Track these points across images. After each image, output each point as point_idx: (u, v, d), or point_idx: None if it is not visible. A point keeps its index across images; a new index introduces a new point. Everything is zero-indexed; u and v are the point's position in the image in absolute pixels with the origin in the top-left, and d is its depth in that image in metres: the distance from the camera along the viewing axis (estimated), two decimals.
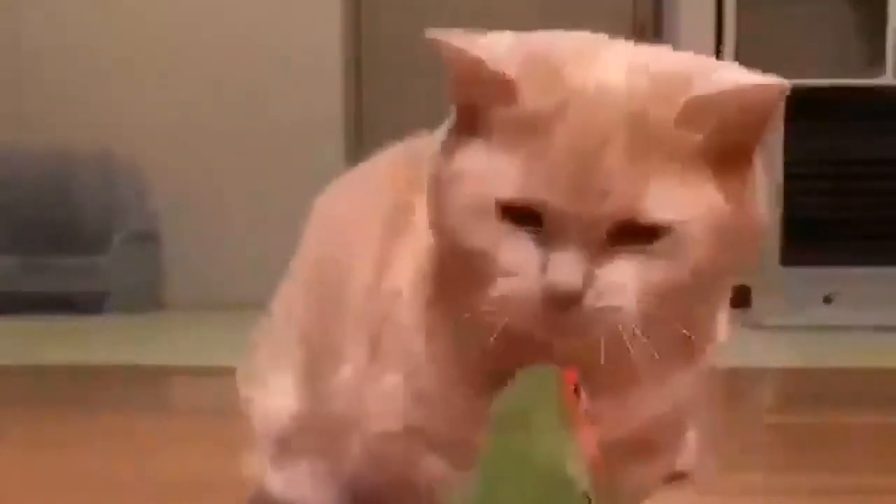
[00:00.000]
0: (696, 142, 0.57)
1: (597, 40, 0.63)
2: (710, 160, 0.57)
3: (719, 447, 1.30)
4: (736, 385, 1.98)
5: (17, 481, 1.21)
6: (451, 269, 0.63)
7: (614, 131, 0.56)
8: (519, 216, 0.57)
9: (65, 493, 1.15)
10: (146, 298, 4.14)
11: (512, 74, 0.58)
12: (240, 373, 0.90)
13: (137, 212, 4.19)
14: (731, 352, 0.71)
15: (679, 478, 0.95)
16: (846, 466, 1.28)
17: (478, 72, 0.59)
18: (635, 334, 0.56)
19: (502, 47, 0.60)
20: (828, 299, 3.30)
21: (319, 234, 0.85)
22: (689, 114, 0.56)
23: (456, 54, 0.60)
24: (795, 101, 0.60)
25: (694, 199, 0.56)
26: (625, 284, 0.56)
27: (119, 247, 4.06)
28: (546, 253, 0.56)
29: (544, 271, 0.56)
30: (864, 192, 3.29)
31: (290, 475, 0.82)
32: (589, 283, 0.56)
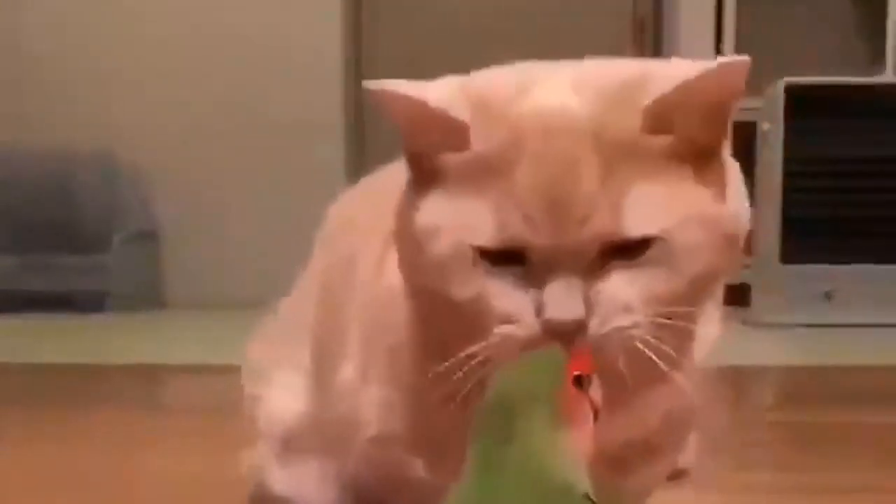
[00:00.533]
0: (666, 144, 0.56)
1: (533, 68, 0.61)
2: (687, 159, 0.56)
3: (720, 445, 1.30)
4: (736, 383, 1.98)
5: (17, 479, 1.21)
6: (432, 322, 0.61)
7: (579, 155, 0.54)
8: (497, 256, 0.56)
9: (64, 491, 1.15)
10: (146, 297, 4.15)
11: (465, 118, 0.56)
12: (245, 370, 0.90)
13: (138, 211, 4.20)
14: (731, 350, 0.71)
15: (679, 476, 0.95)
16: (847, 464, 1.28)
17: (429, 119, 0.57)
18: (650, 343, 0.55)
19: (448, 92, 0.58)
20: (828, 297, 3.30)
21: (331, 238, 0.85)
22: (653, 117, 0.55)
23: (405, 103, 0.57)
24: (796, 99, 0.60)
25: (678, 201, 0.55)
26: (626, 300, 0.54)
27: (119, 246, 4.06)
28: (537, 289, 0.55)
29: (541, 309, 0.54)
30: (864, 189, 3.29)
31: (293, 473, 0.83)
32: (590, 309, 0.54)
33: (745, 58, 0.55)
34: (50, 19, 4.36)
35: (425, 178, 0.59)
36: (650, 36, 4.32)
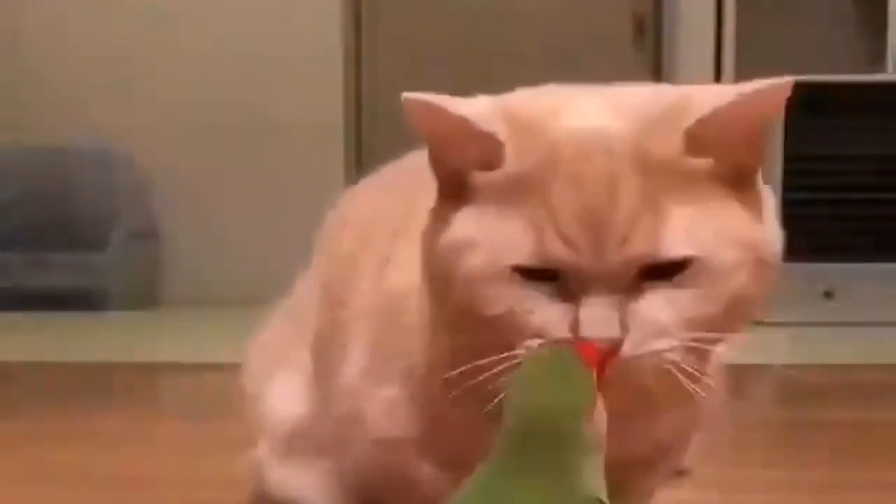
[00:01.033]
0: (706, 167, 0.56)
1: (566, 91, 0.61)
2: (726, 181, 0.56)
3: (719, 443, 1.30)
4: (736, 381, 1.98)
5: (16, 477, 1.20)
6: (461, 339, 0.60)
7: (618, 175, 0.54)
8: (531, 273, 0.55)
9: (63, 489, 1.15)
10: (145, 295, 4.14)
11: (501, 135, 0.56)
12: (245, 370, 0.89)
13: (136, 209, 4.19)
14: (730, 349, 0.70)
15: (681, 475, 0.95)
16: (847, 462, 1.28)
17: (465, 134, 0.57)
18: (681, 367, 0.54)
19: (485, 109, 0.58)
20: (828, 295, 3.29)
21: (331, 238, 0.85)
22: (694, 139, 0.55)
23: (442, 117, 0.57)
24: (796, 98, 0.59)
25: (717, 224, 0.55)
26: (662, 322, 0.54)
27: (118, 244, 4.05)
28: (572, 307, 0.54)
29: (575, 326, 0.53)
30: (865, 188, 3.29)
31: (293, 474, 0.82)
32: (625, 329, 0.53)
33: (787, 79, 0.56)
34: (50, 16, 4.35)
35: (455, 193, 0.59)
36: (650, 35, 4.32)
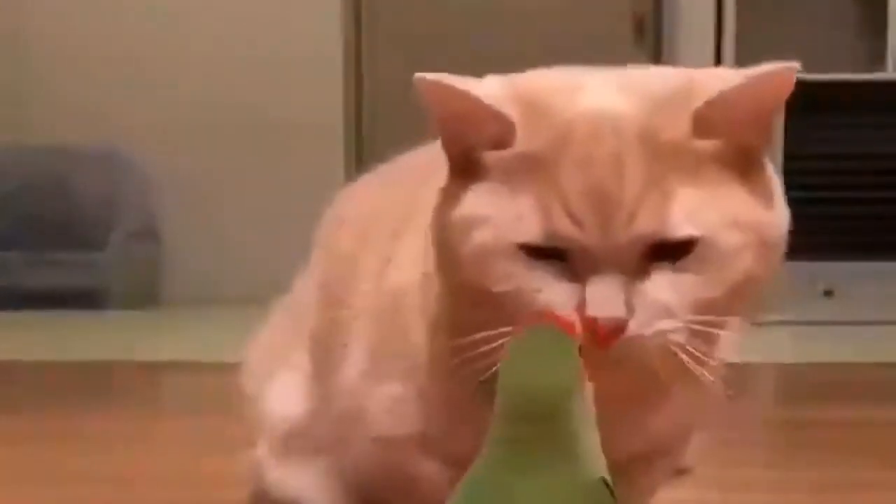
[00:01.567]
0: (713, 149, 0.56)
1: (576, 72, 0.62)
2: (733, 164, 0.57)
3: (719, 442, 1.30)
4: (735, 380, 1.97)
5: (16, 475, 1.20)
6: (467, 314, 0.61)
7: (626, 156, 0.54)
8: (538, 252, 0.56)
9: (63, 487, 1.15)
10: (145, 294, 4.14)
11: (513, 115, 0.57)
12: (244, 370, 0.89)
13: (137, 208, 4.19)
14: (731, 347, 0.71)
15: (681, 474, 0.95)
16: (846, 461, 1.28)
17: (478, 114, 0.57)
18: (685, 348, 0.55)
19: (497, 89, 0.59)
20: (828, 294, 3.29)
21: (330, 238, 0.84)
22: (702, 121, 0.55)
23: (452, 95, 0.57)
24: (796, 96, 0.60)
25: (723, 205, 0.55)
26: (667, 303, 0.54)
27: (119, 243, 4.06)
28: (579, 286, 0.54)
29: (582, 305, 0.54)
30: (865, 186, 3.29)
31: (293, 473, 0.82)
32: (631, 310, 0.54)
33: (793, 64, 0.56)
34: (51, 18, 4.35)
35: (466, 171, 0.59)
36: (650, 35, 4.32)
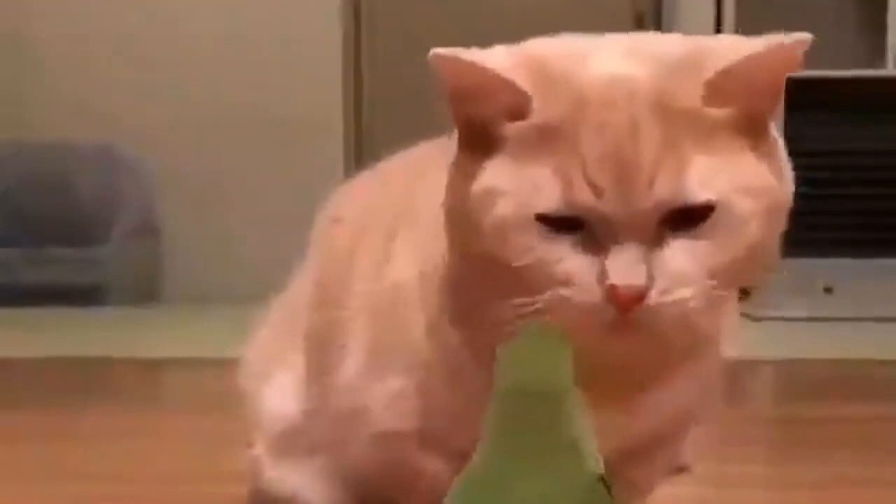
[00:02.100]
0: (726, 116, 0.56)
1: (585, 38, 0.62)
2: (744, 131, 0.57)
3: (718, 439, 1.30)
4: (735, 377, 1.98)
5: (16, 472, 1.20)
6: (481, 289, 0.61)
7: (642, 122, 0.55)
8: (558, 222, 0.56)
9: (62, 484, 1.15)
10: (145, 291, 4.14)
11: (527, 86, 0.57)
12: (242, 369, 0.89)
13: (137, 205, 4.19)
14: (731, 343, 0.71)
15: (680, 471, 0.95)
16: (846, 458, 1.28)
17: (492, 86, 0.57)
18: (702, 315, 0.55)
19: (509, 59, 0.58)
20: (828, 290, 3.29)
21: (325, 236, 0.84)
22: (715, 89, 0.56)
23: (467, 68, 0.58)
24: (796, 93, 0.60)
25: (736, 171, 0.56)
26: (687, 271, 0.55)
27: (119, 240, 4.06)
28: (598, 255, 0.55)
29: (603, 275, 0.54)
30: (865, 183, 3.29)
31: (290, 471, 0.82)
32: (651, 278, 0.54)
33: (805, 35, 0.56)
34: (52, 14, 4.35)
35: (482, 145, 0.59)
36: (650, 29, 4.31)
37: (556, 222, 0.56)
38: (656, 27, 4.26)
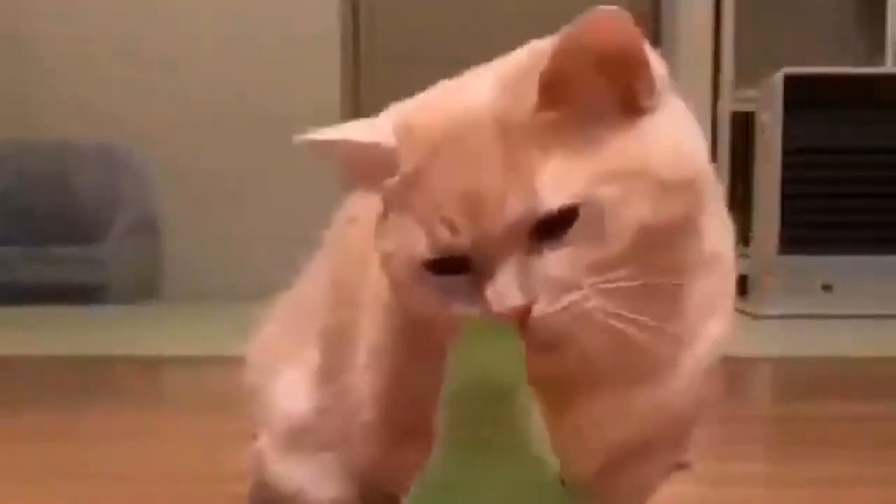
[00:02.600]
0: (570, 112, 0.55)
1: (456, 79, 0.62)
2: (601, 117, 0.56)
3: (718, 437, 1.30)
4: (734, 374, 1.98)
5: (17, 471, 1.21)
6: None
7: (482, 147, 0.55)
8: (444, 265, 0.56)
9: (62, 484, 1.15)
10: (145, 289, 4.15)
11: (392, 143, 0.58)
12: (247, 366, 0.89)
13: (137, 203, 4.19)
14: (729, 341, 0.70)
15: (681, 469, 0.95)
16: (845, 456, 1.28)
17: (363, 154, 0.60)
18: (609, 311, 0.54)
19: (376, 124, 0.61)
20: (826, 288, 3.30)
21: (341, 236, 0.85)
22: (546, 91, 0.55)
23: (339, 147, 0.61)
24: (795, 90, 0.60)
25: (593, 163, 0.54)
26: (565, 275, 0.54)
27: (119, 237, 4.06)
28: (482, 289, 0.55)
29: (487, 307, 0.54)
30: (864, 180, 3.29)
31: (296, 466, 0.82)
32: (531, 292, 0.54)
33: (611, 8, 0.54)
34: (52, 12, 4.35)
35: (384, 206, 0.61)
36: (649, 29, 4.32)
37: (442, 265, 0.57)
38: (656, 27, 4.26)
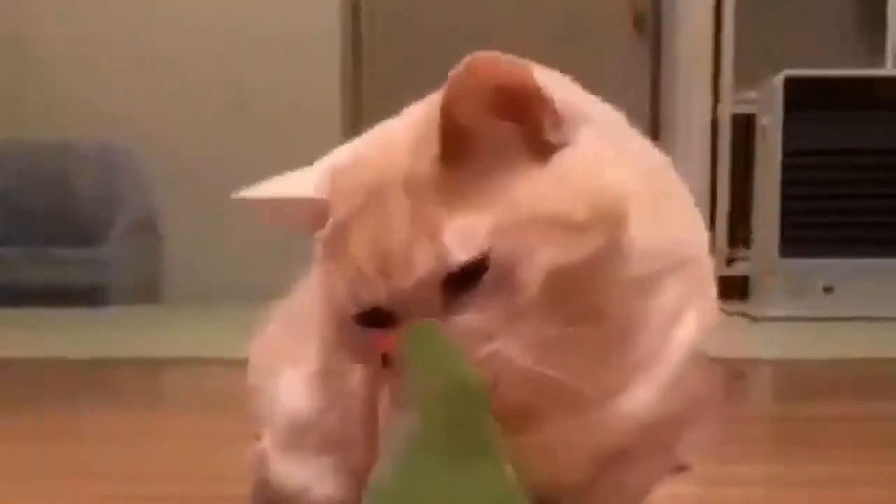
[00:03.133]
0: (471, 161, 0.55)
1: (381, 130, 0.63)
2: (508, 160, 0.55)
3: (718, 438, 1.30)
4: (735, 376, 1.98)
5: (18, 472, 1.21)
6: None
7: (390, 203, 0.55)
8: (373, 319, 0.56)
9: (62, 484, 1.15)
10: (146, 291, 4.15)
11: (323, 195, 0.59)
12: (250, 367, 0.89)
13: (137, 204, 4.20)
14: (730, 343, 0.70)
15: (681, 470, 0.95)
16: (846, 457, 1.28)
17: (295, 209, 0.61)
18: (529, 362, 0.53)
19: (309, 176, 0.62)
20: (827, 290, 3.30)
21: None
22: (448, 143, 0.55)
23: (270, 204, 0.63)
24: (795, 92, 0.59)
25: (497, 213, 0.54)
26: (483, 326, 0.53)
27: (119, 239, 4.06)
28: None
29: None
30: (864, 183, 3.29)
31: (298, 466, 0.82)
32: None
33: (479, 53, 0.53)
34: (51, 10, 4.35)
35: None
36: (650, 31, 4.32)
37: (371, 320, 0.56)
38: (656, 27, 4.27)
